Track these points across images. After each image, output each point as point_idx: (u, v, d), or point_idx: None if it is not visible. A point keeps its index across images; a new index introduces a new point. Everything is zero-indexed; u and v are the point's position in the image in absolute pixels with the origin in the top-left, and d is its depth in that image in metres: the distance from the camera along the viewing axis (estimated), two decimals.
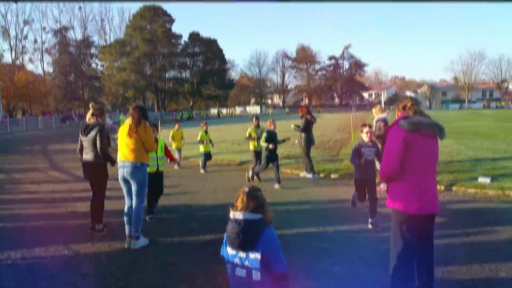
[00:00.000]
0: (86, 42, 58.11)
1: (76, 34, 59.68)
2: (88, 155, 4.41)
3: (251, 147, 7.89)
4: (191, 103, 61.20)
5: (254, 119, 8.11)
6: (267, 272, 1.90)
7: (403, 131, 2.46)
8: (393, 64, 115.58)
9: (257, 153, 7.78)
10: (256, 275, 1.89)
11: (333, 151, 11.25)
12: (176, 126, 10.09)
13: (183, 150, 10.36)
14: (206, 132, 9.08)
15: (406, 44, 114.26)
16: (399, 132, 2.49)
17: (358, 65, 68.25)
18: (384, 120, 6.67)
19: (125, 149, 3.92)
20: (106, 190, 4.62)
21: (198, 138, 8.96)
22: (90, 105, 4.56)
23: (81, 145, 4.49)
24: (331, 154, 10.52)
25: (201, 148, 8.97)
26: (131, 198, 4.03)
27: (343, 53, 68.14)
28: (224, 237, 1.98)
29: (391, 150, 2.52)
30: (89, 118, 4.45)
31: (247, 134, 7.94)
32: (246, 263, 1.90)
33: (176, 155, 9.37)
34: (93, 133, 4.32)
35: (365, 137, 4.56)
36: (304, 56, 69.25)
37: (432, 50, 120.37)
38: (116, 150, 4.09)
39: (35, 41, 54.82)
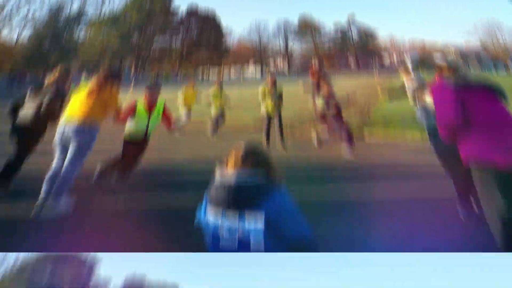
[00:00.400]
0: (78, 18, 56.71)
1: (72, 9, 58.12)
2: (28, 111, 3.86)
3: (263, 109, 6.62)
4: (177, 67, 58.83)
5: (269, 77, 6.81)
6: (277, 241, 1.46)
7: (451, 87, 2.37)
8: (407, 27, 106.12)
9: (270, 119, 6.56)
10: (257, 244, 1.45)
11: (363, 112, 9.92)
12: (191, 84, 8.93)
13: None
14: (221, 88, 8.29)
15: (417, 11, 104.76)
16: (448, 88, 2.38)
17: (368, 34, 64.33)
18: (422, 82, 5.70)
19: (76, 106, 3.68)
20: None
21: (211, 94, 8.18)
22: (58, 67, 4.18)
23: (17, 104, 3.98)
24: (361, 116, 9.38)
25: (213, 110, 8.18)
26: (62, 160, 3.64)
27: (349, 23, 64.17)
28: (204, 201, 1.63)
29: (444, 101, 2.36)
30: (50, 81, 3.99)
31: (260, 96, 6.70)
32: (240, 229, 1.46)
33: (183, 117, 8.60)
34: (46, 93, 3.86)
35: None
36: (307, 26, 65.92)
37: (445, 16, 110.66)
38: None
39: (26, 13, 53.20)
